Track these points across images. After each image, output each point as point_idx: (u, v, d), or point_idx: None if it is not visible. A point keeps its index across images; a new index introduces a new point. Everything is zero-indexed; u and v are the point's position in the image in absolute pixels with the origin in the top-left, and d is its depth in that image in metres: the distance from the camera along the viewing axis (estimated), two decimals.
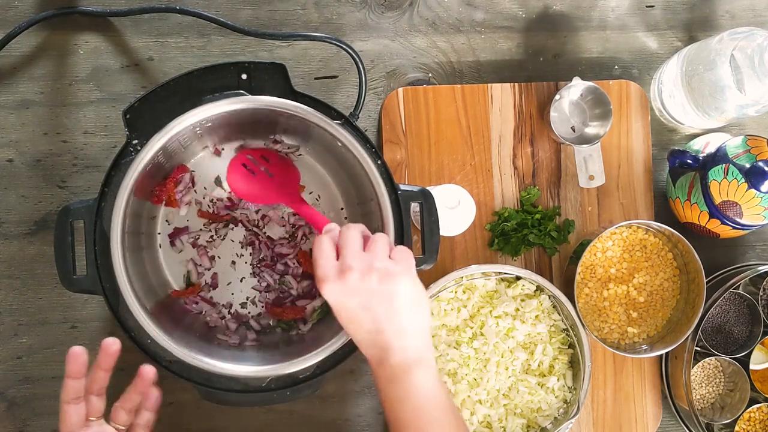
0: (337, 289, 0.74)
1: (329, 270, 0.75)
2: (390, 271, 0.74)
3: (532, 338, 1.00)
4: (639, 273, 1.02)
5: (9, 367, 1.00)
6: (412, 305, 0.75)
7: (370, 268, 0.74)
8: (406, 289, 0.75)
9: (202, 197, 0.97)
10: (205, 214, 0.96)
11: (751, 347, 1.01)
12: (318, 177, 0.98)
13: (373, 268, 0.74)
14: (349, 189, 0.96)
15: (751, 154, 0.95)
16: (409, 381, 0.74)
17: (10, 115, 1.01)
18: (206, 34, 1.03)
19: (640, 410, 1.05)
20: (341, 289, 0.74)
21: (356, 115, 0.92)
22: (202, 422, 1.01)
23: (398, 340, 0.74)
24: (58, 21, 1.01)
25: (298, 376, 0.84)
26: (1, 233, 1.00)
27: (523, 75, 1.07)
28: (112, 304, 0.83)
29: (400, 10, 1.06)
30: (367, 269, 0.74)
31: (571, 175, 1.05)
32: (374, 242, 0.77)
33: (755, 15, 1.10)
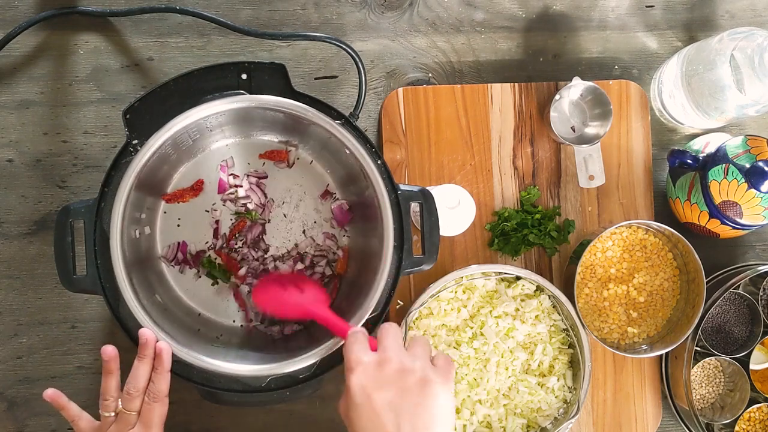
0: (370, 377, 0.68)
1: (364, 356, 0.69)
2: (431, 378, 0.68)
3: (532, 338, 1.00)
4: (639, 273, 1.02)
5: (9, 367, 1.00)
6: (444, 421, 0.68)
7: (412, 367, 0.68)
8: (444, 402, 0.69)
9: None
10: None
11: (751, 347, 1.01)
12: (318, 177, 0.98)
13: (414, 368, 0.68)
14: (349, 189, 0.96)
15: (751, 154, 0.95)
16: None
17: (10, 115, 1.01)
18: (206, 34, 1.03)
19: (640, 410, 1.05)
20: (374, 376, 0.68)
21: (356, 115, 0.92)
22: (202, 422, 1.01)
23: None
24: (58, 21, 1.01)
25: (298, 376, 0.84)
26: (1, 233, 1.00)
27: (523, 75, 1.07)
28: (112, 304, 0.83)
29: (400, 10, 1.06)
30: (408, 368, 0.68)
31: (571, 175, 1.05)
32: (416, 344, 0.72)
33: (755, 15, 1.10)
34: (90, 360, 1.01)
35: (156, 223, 0.96)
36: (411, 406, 0.67)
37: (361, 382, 0.68)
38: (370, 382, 0.68)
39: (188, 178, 0.96)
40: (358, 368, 0.68)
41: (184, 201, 0.96)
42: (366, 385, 0.68)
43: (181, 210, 0.96)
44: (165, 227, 0.96)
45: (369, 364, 0.69)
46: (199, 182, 0.96)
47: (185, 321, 0.93)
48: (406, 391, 0.67)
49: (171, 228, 0.96)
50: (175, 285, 0.96)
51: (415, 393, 0.67)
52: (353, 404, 0.68)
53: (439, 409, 0.68)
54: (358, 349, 0.70)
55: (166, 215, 0.96)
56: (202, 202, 0.97)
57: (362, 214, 0.94)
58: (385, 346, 0.70)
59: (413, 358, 0.70)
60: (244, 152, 0.97)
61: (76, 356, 1.01)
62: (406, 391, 0.67)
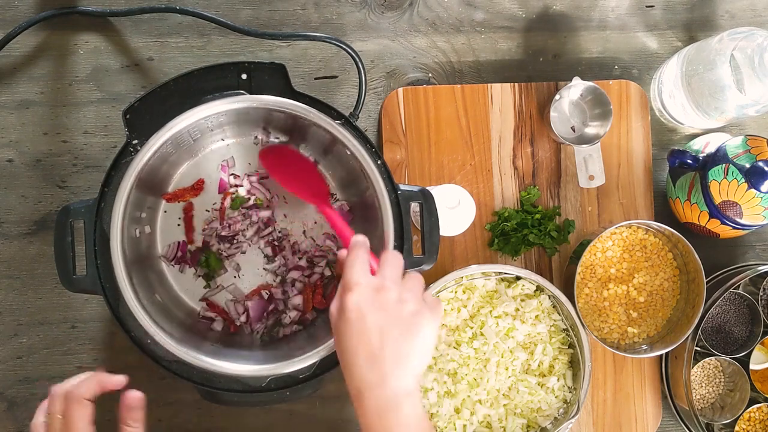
0: (367, 299, 0.72)
1: (364, 278, 0.73)
2: (422, 312, 0.73)
3: (532, 338, 1.00)
4: (639, 273, 1.02)
5: (9, 367, 1.00)
6: (423, 352, 0.74)
7: (407, 298, 0.73)
8: (428, 335, 0.74)
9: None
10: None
11: (751, 347, 1.01)
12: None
13: (408, 300, 0.73)
14: (350, 190, 0.96)
15: (751, 154, 0.95)
16: (402, 412, 0.71)
17: (10, 115, 1.01)
18: (206, 34, 1.03)
19: (640, 410, 1.05)
20: (371, 299, 0.72)
21: (356, 115, 0.92)
22: (202, 422, 1.01)
23: (397, 372, 0.71)
24: (58, 21, 1.01)
25: (298, 376, 0.84)
26: (1, 233, 1.00)
27: (523, 75, 1.07)
28: (112, 304, 0.83)
29: (400, 10, 1.06)
30: (404, 298, 0.73)
31: (571, 175, 1.05)
32: (412, 279, 0.76)
33: (755, 15, 1.10)
34: (90, 360, 1.01)
35: (156, 222, 0.96)
36: (398, 332, 0.72)
37: (357, 301, 0.72)
38: (365, 304, 0.72)
39: (189, 178, 0.96)
40: (356, 288, 0.72)
41: (185, 200, 0.96)
42: (361, 306, 0.72)
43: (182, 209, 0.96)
44: (165, 226, 0.96)
45: (367, 287, 0.73)
46: (199, 182, 0.96)
47: (185, 321, 0.93)
48: (398, 319, 0.72)
49: (171, 227, 0.96)
50: (175, 284, 0.96)
51: (404, 322, 0.72)
52: (346, 318, 0.72)
53: (422, 340, 0.73)
54: (359, 270, 0.74)
55: (166, 214, 0.96)
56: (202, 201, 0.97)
57: (363, 215, 0.94)
58: (385, 275, 0.74)
59: (408, 291, 0.74)
60: (245, 152, 0.97)
61: (76, 356, 1.01)
62: (397, 319, 0.72)
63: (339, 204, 0.98)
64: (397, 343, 0.72)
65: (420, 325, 0.73)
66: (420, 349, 0.73)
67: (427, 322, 0.73)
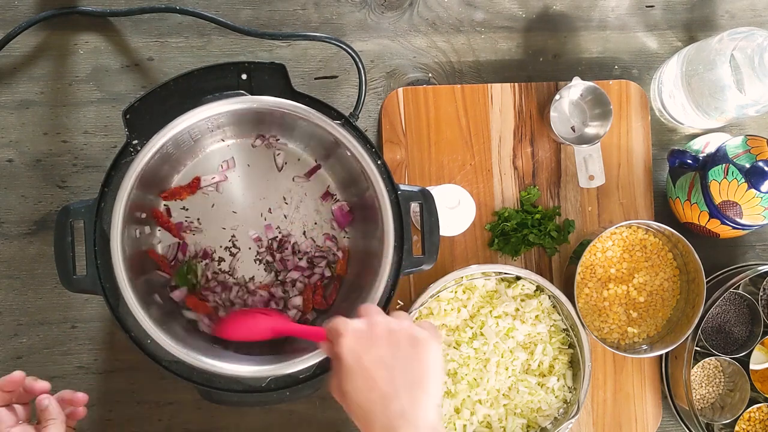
0: (359, 340, 0.67)
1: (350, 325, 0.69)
2: (420, 335, 0.68)
3: (532, 338, 1.00)
4: (639, 273, 1.02)
5: (9, 367, 1.00)
6: (436, 373, 0.69)
7: (400, 327, 0.68)
8: (435, 356, 0.69)
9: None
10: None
11: (751, 347, 1.01)
12: (318, 178, 0.98)
13: (402, 328, 0.68)
14: (350, 190, 0.96)
15: (751, 154, 0.95)
16: None
17: (10, 115, 1.01)
18: (206, 34, 1.03)
19: (640, 410, 1.05)
20: (365, 337, 0.67)
21: (356, 115, 0.92)
22: (202, 422, 1.01)
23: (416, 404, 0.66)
24: (58, 21, 1.01)
25: (298, 376, 0.84)
26: (1, 233, 1.00)
27: (523, 75, 1.07)
28: (112, 304, 0.83)
29: (400, 10, 1.06)
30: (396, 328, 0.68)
31: (571, 175, 1.05)
32: (398, 314, 0.72)
33: (755, 15, 1.10)
34: (90, 360, 1.01)
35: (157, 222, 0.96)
36: (403, 360, 0.67)
37: (351, 346, 0.68)
38: (359, 345, 0.67)
39: (189, 178, 0.96)
40: (346, 334, 0.68)
41: (182, 198, 0.96)
42: (356, 348, 0.67)
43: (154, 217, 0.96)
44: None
45: (357, 330, 0.69)
46: (195, 180, 0.96)
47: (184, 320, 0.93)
48: (397, 347, 0.67)
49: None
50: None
51: (405, 348, 0.67)
52: (346, 369, 0.67)
53: (431, 362, 0.68)
54: (343, 321, 0.70)
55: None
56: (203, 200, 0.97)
57: (363, 215, 0.94)
58: (370, 313, 0.71)
59: (398, 321, 0.70)
60: (245, 153, 0.97)
61: (76, 356, 1.01)
62: (396, 347, 0.67)
63: (339, 204, 0.98)
64: (405, 372, 0.67)
65: (423, 347, 0.68)
66: (431, 373, 0.68)
67: (428, 343, 0.69)
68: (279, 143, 0.97)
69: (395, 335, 0.68)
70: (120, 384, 1.01)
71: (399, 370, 0.67)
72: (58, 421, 0.74)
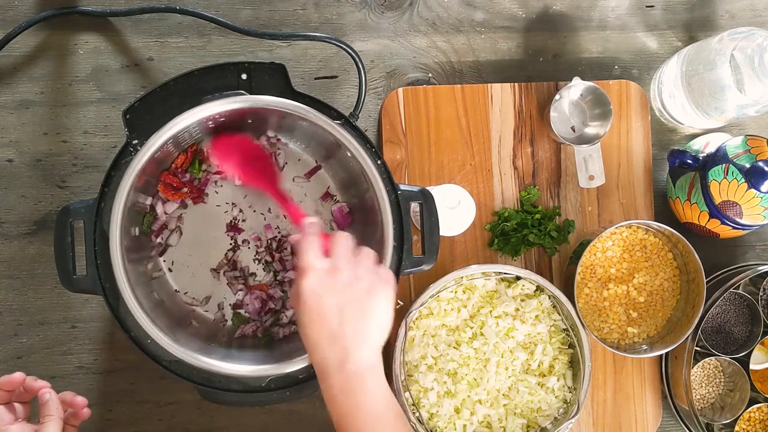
0: (321, 283, 0.74)
1: (317, 263, 0.75)
2: (376, 285, 0.75)
3: (532, 338, 1.00)
4: (639, 273, 1.02)
5: (9, 367, 1.00)
6: (382, 322, 0.75)
7: (361, 275, 0.75)
8: (384, 308, 0.75)
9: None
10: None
11: (751, 347, 1.01)
12: (319, 178, 0.98)
13: (362, 277, 0.75)
14: (350, 191, 0.96)
15: (751, 154, 0.95)
16: (365, 389, 0.73)
17: (10, 115, 1.01)
18: (206, 34, 1.03)
19: (640, 410, 1.05)
20: (326, 283, 0.74)
21: (356, 115, 0.92)
22: (202, 422, 1.01)
23: (358, 348, 0.73)
24: (58, 21, 1.01)
25: (298, 376, 0.85)
26: (1, 233, 1.00)
27: (523, 75, 1.07)
28: (112, 304, 0.83)
29: (400, 10, 1.06)
30: (358, 276, 0.75)
31: (571, 175, 1.05)
32: (363, 253, 0.77)
33: (755, 15, 1.10)
34: (90, 360, 1.01)
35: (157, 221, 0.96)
36: (355, 310, 0.73)
37: (312, 286, 0.73)
38: (320, 287, 0.73)
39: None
40: (310, 273, 0.74)
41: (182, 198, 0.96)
42: (316, 290, 0.73)
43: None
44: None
45: (321, 270, 0.74)
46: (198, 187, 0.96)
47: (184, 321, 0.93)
48: (353, 297, 0.74)
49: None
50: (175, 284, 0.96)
51: (360, 299, 0.74)
52: (303, 303, 0.74)
53: (378, 314, 0.75)
54: (312, 255, 0.75)
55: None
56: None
57: (362, 218, 0.94)
58: (338, 255, 0.76)
59: (361, 267, 0.76)
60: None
61: (76, 356, 1.01)
62: (352, 298, 0.74)
63: (339, 205, 0.98)
64: (355, 320, 0.73)
65: (375, 300, 0.75)
66: (378, 323, 0.75)
67: (381, 296, 0.75)
68: (280, 143, 0.97)
69: (354, 285, 0.74)
70: (120, 384, 1.01)
71: (350, 317, 0.73)
72: (56, 418, 0.75)
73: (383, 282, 0.76)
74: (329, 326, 0.73)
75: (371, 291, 0.75)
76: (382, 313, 0.75)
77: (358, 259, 0.77)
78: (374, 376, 0.73)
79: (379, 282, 0.76)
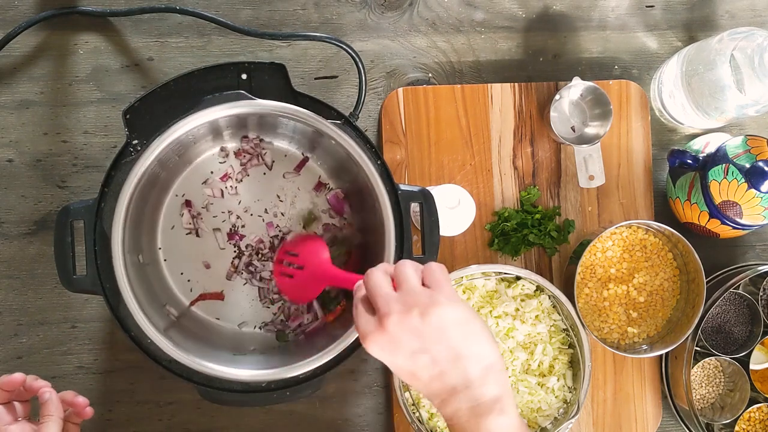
0: (382, 342, 0.66)
1: (368, 325, 0.67)
2: (428, 302, 0.66)
3: (532, 338, 1.00)
4: (639, 273, 1.02)
5: (9, 367, 1.00)
6: (469, 332, 0.67)
7: (407, 306, 0.66)
8: (455, 316, 0.66)
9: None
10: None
11: (751, 347, 1.01)
12: (308, 169, 0.98)
13: (409, 306, 0.66)
14: (341, 177, 0.96)
15: (751, 154, 0.95)
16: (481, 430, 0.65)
17: (10, 115, 1.01)
18: (206, 34, 1.03)
19: (640, 410, 1.05)
20: (385, 340, 0.66)
21: (356, 115, 0.92)
22: (202, 422, 1.01)
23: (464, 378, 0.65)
24: (58, 21, 1.01)
25: (298, 376, 0.84)
26: (1, 233, 1.00)
27: (523, 75, 1.07)
28: (112, 304, 0.83)
29: (400, 10, 1.06)
30: (405, 309, 0.66)
31: (571, 175, 1.05)
32: (401, 274, 0.69)
33: (755, 15, 1.10)
34: (90, 360, 1.01)
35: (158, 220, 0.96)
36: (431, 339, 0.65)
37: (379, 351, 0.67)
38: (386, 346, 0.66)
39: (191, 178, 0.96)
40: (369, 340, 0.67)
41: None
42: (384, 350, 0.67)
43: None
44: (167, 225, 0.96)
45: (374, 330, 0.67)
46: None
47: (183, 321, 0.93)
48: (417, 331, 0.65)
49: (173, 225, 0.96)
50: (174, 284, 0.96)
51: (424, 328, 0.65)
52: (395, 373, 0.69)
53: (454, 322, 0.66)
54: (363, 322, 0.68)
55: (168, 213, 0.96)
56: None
57: (359, 200, 0.94)
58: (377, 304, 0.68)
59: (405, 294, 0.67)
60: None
61: (76, 356, 1.01)
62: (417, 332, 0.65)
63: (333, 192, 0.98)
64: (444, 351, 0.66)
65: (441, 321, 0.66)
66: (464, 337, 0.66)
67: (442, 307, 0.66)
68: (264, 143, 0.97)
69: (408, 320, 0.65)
70: (120, 384, 1.01)
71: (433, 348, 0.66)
72: (56, 418, 0.75)
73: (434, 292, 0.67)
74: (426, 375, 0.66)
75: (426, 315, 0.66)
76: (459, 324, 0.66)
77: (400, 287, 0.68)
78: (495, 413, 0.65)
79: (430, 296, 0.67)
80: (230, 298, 0.97)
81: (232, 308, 0.97)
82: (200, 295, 0.96)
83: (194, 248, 0.96)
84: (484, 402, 0.65)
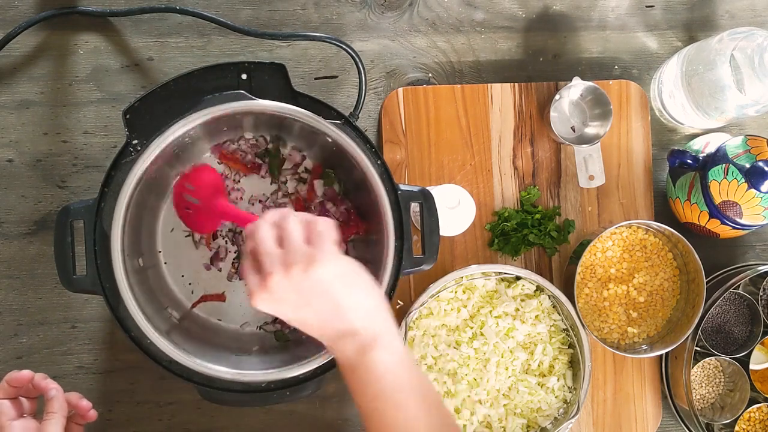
0: (267, 300, 0.69)
1: (253, 285, 0.70)
2: (308, 260, 0.68)
3: (532, 338, 1.00)
4: (639, 273, 1.02)
5: (9, 367, 1.00)
6: (349, 284, 0.70)
7: (288, 263, 0.68)
8: (334, 270, 0.69)
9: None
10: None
11: (751, 347, 1.01)
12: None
13: (290, 264, 0.68)
14: (350, 189, 0.96)
15: (751, 154, 0.95)
16: (365, 365, 0.69)
17: (10, 115, 1.01)
18: (206, 34, 1.03)
19: (640, 410, 1.05)
20: (269, 298, 0.69)
21: (356, 115, 0.92)
22: (202, 422, 1.01)
23: (346, 325, 0.69)
24: (58, 21, 1.01)
25: (298, 376, 0.84)
26: (1, 233, 1.00)
27: (523, 75, 1.07)
28: (111, 304, 0.83)
29: (400, 10, 1.06)
30: (286, 266, 0.68)
31: (571, 175, 1.05)
32: (285, 230, 0.70)
33: (755, 15, 1.10)
34: (90, 360, 1.01)
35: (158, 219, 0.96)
36: (312, 293, 0.69)
37: (266, 307, 0.70)
38: (271, 304, 0.70)
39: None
40: (254, 298, 0.70)
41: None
42: (271, 307, 0.70)
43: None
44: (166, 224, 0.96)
45: (259, 288, 0.69)
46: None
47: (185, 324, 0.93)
48: (298, 288, 0.68)
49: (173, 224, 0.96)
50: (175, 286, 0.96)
51: (305, 284, 0.68)
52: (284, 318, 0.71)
53: (333, 277, 0.69)
54: (249, 280, 0.71)
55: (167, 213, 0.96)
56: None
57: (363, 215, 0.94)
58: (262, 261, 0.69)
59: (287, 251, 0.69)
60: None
61: (76, 356, 1.01)
62: (298, 288, 0.68)
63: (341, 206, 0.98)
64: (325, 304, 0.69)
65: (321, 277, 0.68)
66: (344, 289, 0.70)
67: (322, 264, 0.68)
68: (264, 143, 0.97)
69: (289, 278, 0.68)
70: (120, 384, 1.01)
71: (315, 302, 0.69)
72: (59, 416, 0.75)
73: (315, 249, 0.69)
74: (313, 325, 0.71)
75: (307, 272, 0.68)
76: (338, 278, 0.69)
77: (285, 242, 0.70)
78: (376, 349, 0.69)
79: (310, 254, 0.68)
80: (232, 299, 0.97)
81: (234, 309, 0.97)
82: (202, 297, 0.96)
83: (194, 250, 0.96)
84: (366, 342, 0.69)
